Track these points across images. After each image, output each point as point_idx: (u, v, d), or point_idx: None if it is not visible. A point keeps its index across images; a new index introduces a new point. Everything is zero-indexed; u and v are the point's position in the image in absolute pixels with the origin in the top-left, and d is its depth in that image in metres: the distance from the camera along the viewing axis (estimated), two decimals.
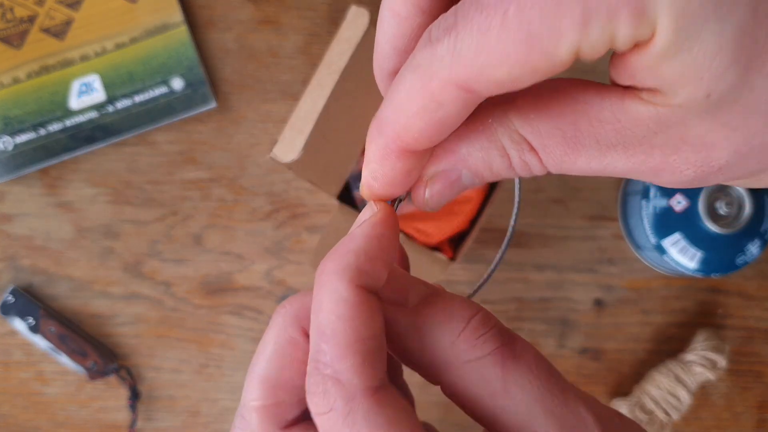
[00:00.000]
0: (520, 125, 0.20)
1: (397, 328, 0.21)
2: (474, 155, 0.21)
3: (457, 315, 0.20)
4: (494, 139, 0.20)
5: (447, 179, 0.22)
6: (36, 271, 0.56)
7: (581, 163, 0.19)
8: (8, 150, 0.55)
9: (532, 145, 0.20)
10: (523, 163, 0.20)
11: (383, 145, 0.20)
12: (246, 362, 0.56)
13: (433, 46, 0.18)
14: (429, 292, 0.21)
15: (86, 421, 0.56)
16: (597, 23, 0.16)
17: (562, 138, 0.19)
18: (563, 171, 0.20)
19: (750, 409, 0.56)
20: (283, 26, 0.57)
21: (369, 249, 0.20)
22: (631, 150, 0.19)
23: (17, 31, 0.55)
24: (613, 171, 0.19)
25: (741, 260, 0.49)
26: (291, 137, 0.44)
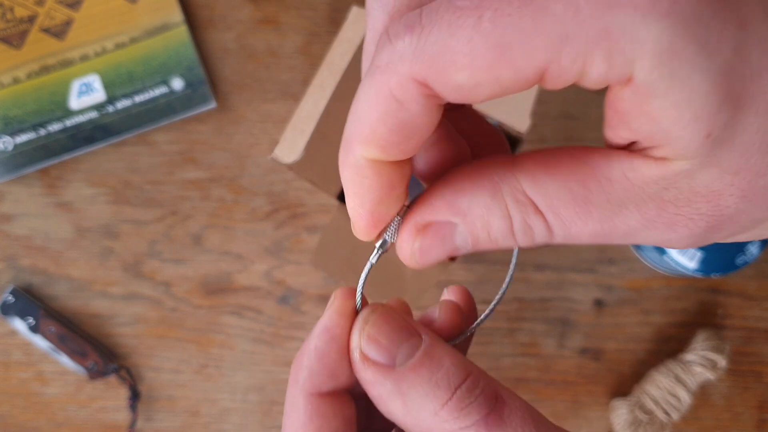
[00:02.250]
0: (528, 185, 0.19)
1: (382, 390, 0.21)
2: (473, 212, 0.20)
3: (443, 384, 0.20)
4: (498, 197, 0.20)
5: (439, 233, 0.21)
6: (36, 271, 0.56)
7: (591, 224, 0.19)
8: (8, 150, 0.55)
9: (539, 206, 0.19)
10: (526, 228, 0.19)
11: (353, 163, 0.20)
12: (246, 362, 0.56)
13: (392, 44, 0.17)
14: (420, 351, 0.21)
15: (86, 422, 0.56)
16: (571, 50, 0.15)
17: (571, 198, 0.19)
18: (570, 238, 0.19)
19: (750, 410, 0.56)
20: (282, 26, 0.57)
21: (321, 354, 0.22)
22: (644, 207, 0.18)
23: (17, 31, 0.55)
24: (626, 231, 0.19)
25: (741, 260, 0.49)
26: (292, 138, 0.44)
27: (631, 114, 0.17)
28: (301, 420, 0.22)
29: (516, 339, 0.56)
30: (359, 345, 0.21)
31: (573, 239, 0.19)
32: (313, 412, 0.22)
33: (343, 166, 0.20)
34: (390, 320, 0.22)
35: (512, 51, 0.16)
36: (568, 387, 0.56)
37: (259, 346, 0.56)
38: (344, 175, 0.20)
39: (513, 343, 0.56)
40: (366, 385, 0.21)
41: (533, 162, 0.19)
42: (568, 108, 0.57)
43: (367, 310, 0.22)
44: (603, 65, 0.16)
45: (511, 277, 0.24)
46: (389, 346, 0.21)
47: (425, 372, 0.20)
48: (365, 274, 0.23)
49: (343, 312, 0.22)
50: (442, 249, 0.21)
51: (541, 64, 0.16)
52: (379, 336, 0.21)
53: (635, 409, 0.53)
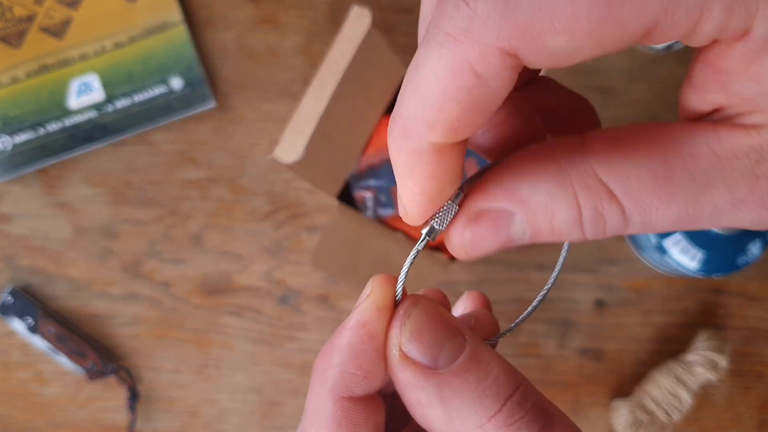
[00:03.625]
0: (601, 169, 0.17)
1: (421, 395, 0.18)
2: (535, 199, 0.17)
3: (492, 393, 0.18)
4: (565, 183, 0.17)
5: (495, 221, 0.18)
6: (35, 271, 0.56)
7: (676, 207, 0.16)
8: (7, 150, 0.55)
9: (615, 192, 0.17)
10: (598, 217, 0.17)
11: (414, 148, 0.17)
12: (245, 362, 0.56)
13: (469, 5, 0.15)
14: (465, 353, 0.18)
15: (85, 422, 0.56)
16: (689, 1, 0.14)
17: (653, 180, 0.16)
18: (647, 225, 0.17)
19: (751, 410, 0.56)
20: (282, 25, 0.57)
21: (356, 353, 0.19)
22: (734, 184, 0.16)
23: (16, 30, 0.55)
24: (712, 212, 0.17)
25: (742, 260, 0.48)
26: (292, 138, 0.44)
27: (735, 73, 0.15)
28: (329, 427, 0.19)
29: (516, 339, 0.56)
30: (399, 342, 0.19)
31: (651, 227, 0.17)
32: (343, 418, 0.19)
33: (400, 151, 0.17)
34: (434, 316, 0.19)
35: (623, 8, 0.14)
36: (568, 387, 0.56)
37: (259, 347, 0.56)
38: (401, 161, 0.18)
39: (513, 344, 0.56)
40: (403, 387, 0.19)
41: (605, 142, 0.17)
42: None
43: (408, 302, 0.19)
44: (720, 17, 0.14)
45: (557, 275, 0.22)
46: (433, 345, 0.18)
47: (472, 378, 0.18)
48: (410, 261, 0.20)
49: (382, 305, 0.19)
50: (495, 239, 0.18)
51: (653, 20, 0.14)
52: (422, 333, 0.19)
53: (636, 410, 0.52)
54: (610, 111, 0.56)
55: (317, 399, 0.19)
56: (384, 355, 0.19)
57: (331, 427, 0.19)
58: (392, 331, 0.19)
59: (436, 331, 0.19)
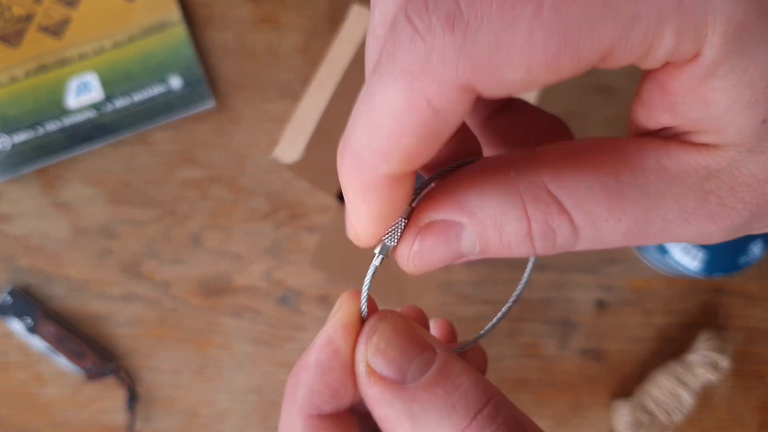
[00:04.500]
0: (550, 180, 0.17)
1: (389, 411, 0.18)
2: (485, 211, 0.17)
3: (461, 407, 0.17)
4: (514, 194, 0.17)
5: (443, 234, 0.18)
6: (33, 271, 0.56)
7: (626, 221, 0.16)
8: (6, 149, 0.55)
9: (564, 205, 0.16)
10: (548, 231, 0.17)
11: (367, 179, 0.17)
12: (245, 363, 0.56)
13: (424, 41, 0.14)
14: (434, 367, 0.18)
15: (84, 423, 0.56)
16: (641, 28, 0.14)
17: (603, 193, 0.16)
18: (598, 240, 0.17)
19: (752, 410, 0.56)
20: (282, 25, 0.57)
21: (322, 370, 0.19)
22: (683, 199, 0.16)
23: (15, 29, 0.55)
24: (662, 226, 0.17)
25: (743, 261, 0.48)
26: (292, 138, 0.44)
27: (683, 95, 0.15)
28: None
29: (517, 340, 0.56)
30: (365, 357, 0.19)
31: (601, 242, 0.17)
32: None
33: (352, 180, 0.17)
34: (401, 330, 0.19)
35: (579, 40, 0.14)
36: (569, 388, 0.56)
37: (259, 347, 0.56)
38: (352, 189, 0.17)
39: (514, 344, 0.56)
40: (371, 403, 0.19)
41: (555, 155, 0.17)
42: (570, 106, 0.56)
43: (375, 317, 0.19)
44: (671, 42, 0.14)
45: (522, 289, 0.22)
46: (400, 360, 0.18)
47: (440, 392, 0.18)
48: (369, 279, 0.20)
49: (348, 321, 0.19)
50: (444, 253, 0.18)
51: (608, 48, 0.14)
52: (389, 348, 0.18)
53: (637, 410, 0.52)
54: (610, 111, 0.56)
55: (287, 417, 0.19)
56: (352, 371, 0.19)
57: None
58: (359, 347, 0.19)
59: (403, 346, 0.18)
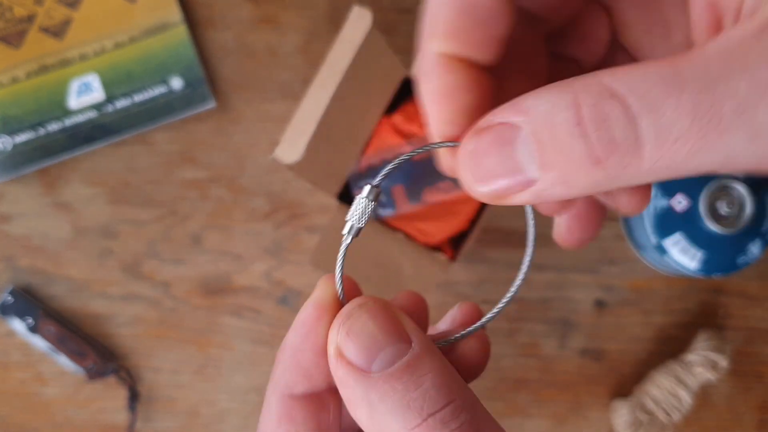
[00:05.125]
0: (606, 76, 0.15)
1: (351, 394, 0.18)
2: (538, 108, 0.16)
3: (416, 406, 0.17)
4: (567, 90, 0.16)
5: (498, 135, 0.17)
6: (34, 271, 0.56)
7: (687, 97, 0.14)
8: (7, 150, 0.55)
9: (618, 90, 0.15)
10: (599, 116, 0.15)
11: (424, 62, 0.18)
12: (245, 363, 0.56)
13: None
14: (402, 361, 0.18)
15: (85, 422, 0.56)
16: None
17: (658, 77, 0.15)
18: (663, 132, 0.15)
19: (751, 410, 0.56)
20: (282, 25, 0.57)
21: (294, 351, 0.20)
22: (754, 66, 0.14)
23: (16, 30, 0.55)
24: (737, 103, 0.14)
25: (742, 260, 0.48)
26: (293, 138, 0.44)
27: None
28: (272, 423, 0.20)
29: (516, 339, 0.56)
30: (336, 339, 0.19)
31: (667, 135, 0.15)
32: (282, 415, 0.20)
33: (418, 70, 0.18)
34: (378, 318, 0.19)
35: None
36: (568, 387, 0.56)
37: (259, 347, 0.56)
38: (418, 78, 0.18)
39: (513, 344, 0.56)
40: (337, 384, 0.19)
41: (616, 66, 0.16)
42: None
43: (354, 302, 0.19)
44: None
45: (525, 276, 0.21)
46: (369, 348, 0.18)
47: (400, 387, 0.18)
48: (341, 260, 0.20)
49: (322, 303, 0.20)
50: (500, 158, 0.17)
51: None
52: (361, 334, 0.18)
53: (636, 410, 0.52)
54: None
55: (267, 396, 0.20)
56: (323, 353, 0.19)
57: (272, 424, 0.20)
58: (332, 329, 0.19)
59: (376, 334, 0.18)
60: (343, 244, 0.20)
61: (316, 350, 0.19)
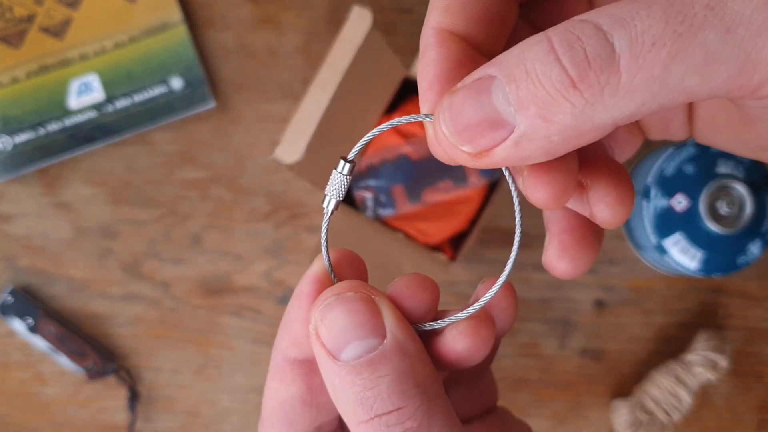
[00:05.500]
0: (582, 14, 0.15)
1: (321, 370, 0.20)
2: (511, 54, 0.16)
3: (366, 404, 0.18)
4: (540, 33, 0.16)
5: (473, 87, 0.17)
6: (34, 271, 0.56)
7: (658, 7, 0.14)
8: (7, 150, 0.55)
9: (587, 18, 0.15)
10: (572, 39, 0.15)
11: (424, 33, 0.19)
12: (245, 363, 0.56)
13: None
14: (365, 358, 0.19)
15: (85, 422, 0.56)
16: None
17: (627, 1, 0.15)
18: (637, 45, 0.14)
19: (751, 410, 0.56)
20: (282, 25, 0.57)
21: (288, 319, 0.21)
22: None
23: (16, 30, 0.55)
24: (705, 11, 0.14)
25: (742, 260, 0.48)
26: (293, 138, 0.44)
27: None
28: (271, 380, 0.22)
29: (516, 339, 0.56)
30: (314, 321, 0.19)
31: (641, 45, 0.14)
32: (275, 374, 0.22)
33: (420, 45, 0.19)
34: (353, 311, 0.19)
35: None
36: (568, 387, 0.56)
37: (259, 347, 0.56)
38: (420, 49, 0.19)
39: (513, 344, 0.56)
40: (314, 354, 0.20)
41: None
42: None
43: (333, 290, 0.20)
44: None
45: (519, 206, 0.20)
46: (339, 338, 0.19)
47: (359, 382, 0.18)
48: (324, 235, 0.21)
49: (317, 278, 0.20)
50: (475, 106, 0.16)
51: None
52: (333, 323, 0.19)
53: (636, 410, 0.52)
54: None
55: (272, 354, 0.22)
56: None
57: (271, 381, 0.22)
58: (312, 308, 0.20)
59: (346, 328, 0.19)
60: (325, 218, 0.21)
61: (305, 322, 0.20)
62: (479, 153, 0.17)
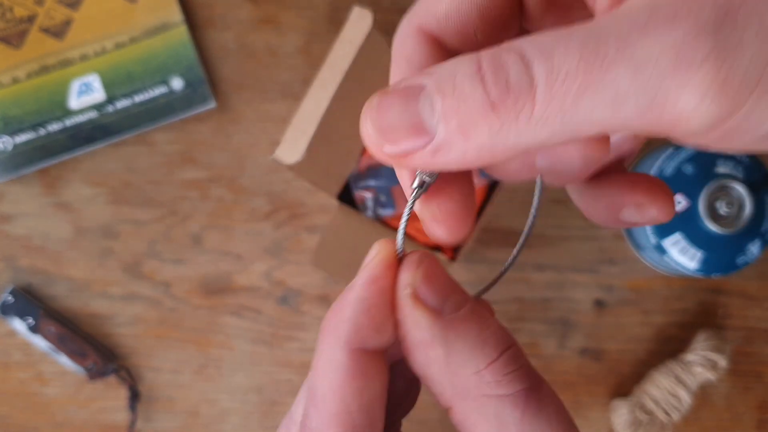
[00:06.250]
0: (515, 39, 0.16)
1: (426, 334, 0.19)
2: (443, 67, 0.17)
3: (491, 343, 0.19)
4: (473, 55, 0.17)
5: (402, 91, 0.17)
6: (35, 271, 0.56)
7: (576, 41, 0.15)
8: (8, 150, 0.55)
9: (513, 45, 0.16)
10: (497, 65, 0.16)
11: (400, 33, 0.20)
12: (245, 363, 0.56)
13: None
14: (467, 306, 0.20)
15: (86, 422, 0.56)
16: None
17: (551, 32, 0.16)
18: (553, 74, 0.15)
19: (750, 410, 0.56)
20: (282, 25, 0.57)
21: (368, 306, 0.20)
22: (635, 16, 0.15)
23: (17, 30, 0.55)
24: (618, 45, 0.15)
25: (741, 260, 0.49)
26: (294, 138, 0.44)
27: None
28: (341, 379, 0.19)
29: (516, 339, 0.56)
30: (412, 282, 0.19)
31: (557, 77, 0.15)
32: (356, 370, 0.19)
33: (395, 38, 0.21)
34: (441, 269, 0.20)
35: None
36: (568, 387, 0.56)
37: (259, 347, 0.56)
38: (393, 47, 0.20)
39: None
40: (411, 326, 0.19)
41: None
42: None
43: (418, 253, 0.20)
44: None
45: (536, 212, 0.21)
46: (441, 292, 0.19)
47: (474, 326, 0.19)
48: (405, 218, 0.21)
49: (389, 262, 0.20)
50: (400, 109, 0.17)
51: None
52: (435, 278, 0.20)
53: (636, 410, 0.53)
54: None
55: (330, 351, 0.19)
56: (393, 309, 0.20)
57: (344, 378, 0.19)
58: (404, 274, 0.20)
59: (444, 282, 0.20)
60: (411, 198, 0.21)
61: (389, 305, 0.20)
62: (398, 155, 0.18)
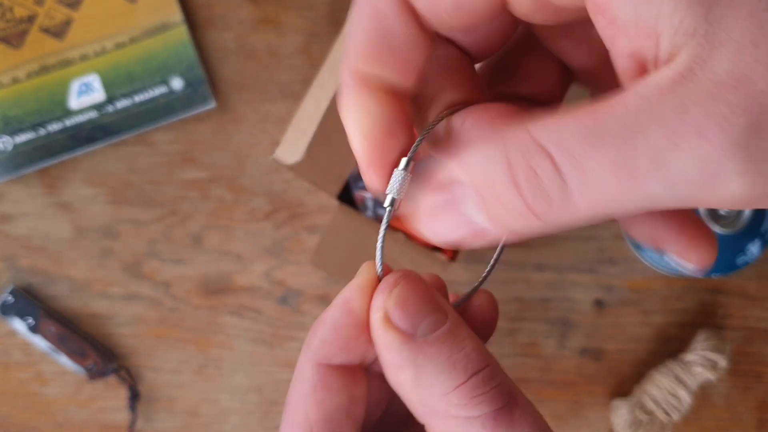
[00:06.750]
0: (535, 128, 0.17)
1: (396, 356, 0.20)
2: (476, 163, 0.18)
3: (461, 365, 0.19)
4: (498, 143, 0.17)
5: (446, 196, 0.18)
6: (35, 271, 0.56)
7: (608, 152, 0.15)
8: (8, 150, 0.55)
9: (544, 144, 0.16)
10: (530, 174, 0.16)
11: (343, 83, 0.20)
12: (245, 363, 0.56)
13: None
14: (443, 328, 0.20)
15: (86, 422, 0.56)
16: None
17: (582, 131, 0.16)
18: (589, 186, 0.16)
19: (750, 410, 0.56)
20: (282, 26, 0.57)
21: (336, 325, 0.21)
22: (666, 120, 0.15)
23: (17, 30, 0.55)
24: (651, 156, 0.15)
25: (741, 260, 0.49)
26: (294, 138, 0.44)
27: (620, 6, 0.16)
28: (306, 389, 0.21)
29: (516, 339, 0.56)
30: (384, 306, 0.20)
31: (594, 189, 0.16)
32: (318, 382, 0.21)
33: (341, 89, 0.20)
34: (419, 290, 0.21)
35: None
36: (568, 387, 0.56)
37: (259, 347, 0.56)
38: (339, 100, 0.20)
39: (513, 343, 0.56)
40: (382, 349, 0.20)
41: (545, 111, 0.17)
42: None
43: (398, 274, 0.21)
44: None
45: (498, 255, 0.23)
46: (414, 315, 0.20)
47: (446, 349, 0.19)
48: (381, 240, 0.22)
49: (365, 286, 0.21)
50: (451, 217, 0.18)
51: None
52: (408, 302, 0.20)
53: (636, 410, 0.53)
54: None
55: (300, 364, 0.21)
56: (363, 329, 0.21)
57: (307, 389, 0.21)
58: (378, 297, 0.21)
59: (419, 304, 0.20)
60: (385, 219, 0.21)
61: (357, 326, 0.21)
62: (457, 244, 0.19)
